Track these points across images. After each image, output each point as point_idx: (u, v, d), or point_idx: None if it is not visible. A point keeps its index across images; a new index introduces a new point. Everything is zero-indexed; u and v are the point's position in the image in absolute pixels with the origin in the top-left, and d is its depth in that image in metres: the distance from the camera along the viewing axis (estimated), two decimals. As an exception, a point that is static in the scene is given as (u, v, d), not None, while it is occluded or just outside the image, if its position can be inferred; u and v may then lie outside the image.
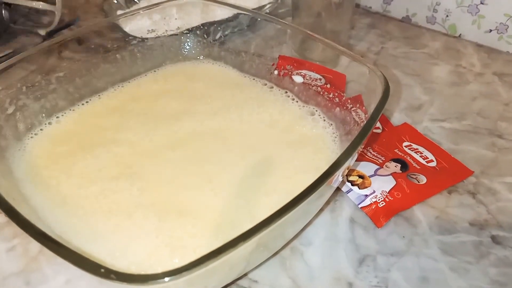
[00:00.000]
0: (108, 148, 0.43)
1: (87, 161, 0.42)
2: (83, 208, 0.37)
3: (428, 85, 0.61)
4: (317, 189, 0.30)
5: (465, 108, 0.57)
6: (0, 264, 0.39)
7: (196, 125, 0.46)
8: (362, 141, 0.33)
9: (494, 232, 0.42)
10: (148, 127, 0.45)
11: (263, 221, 0.27)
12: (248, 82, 0.51)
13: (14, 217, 0.28)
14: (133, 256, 0.33)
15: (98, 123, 0.46)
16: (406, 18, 0.75)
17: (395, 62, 0.65)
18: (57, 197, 0.38)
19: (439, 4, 0.70)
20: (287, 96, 0.49)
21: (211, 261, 0.25)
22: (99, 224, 0.36)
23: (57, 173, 0.40)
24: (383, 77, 0.38)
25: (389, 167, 0.46)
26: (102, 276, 0.24)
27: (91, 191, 0.39)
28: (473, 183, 0.46)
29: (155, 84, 0.52)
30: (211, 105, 0.48)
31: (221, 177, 0.40)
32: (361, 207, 0.43)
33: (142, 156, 0.42)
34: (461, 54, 0.67)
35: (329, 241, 0.41)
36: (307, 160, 0.42)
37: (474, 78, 0.62)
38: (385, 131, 0.51)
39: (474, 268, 0.39)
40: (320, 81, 0.48)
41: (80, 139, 0.44)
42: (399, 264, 0.39)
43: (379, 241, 0.41)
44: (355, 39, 0.71)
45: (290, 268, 0.39)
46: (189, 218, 0.36)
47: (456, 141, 0.52)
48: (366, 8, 0.79)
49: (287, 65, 0.49)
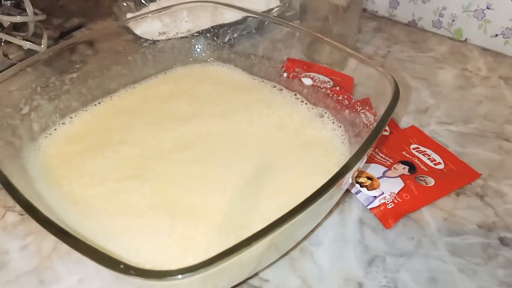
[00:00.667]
0: (118, 149, 0.43)
1: (98, 161, 0.42)
2: (95, 208, 0.38)
3: (435, 89, 0.61)
4: (328, 191, 0.30)
5: (471, 111, 0.57)
6: (14, 262, 0.39)
7: (205, 127, 0.46)
8: (372, 144, 0.34)
9: (502, 234, 0.42)
10: (158, 128, 0.46)
11: (275, 221, 0.28)
12: (257, 84, 0.52)
13: (34, 214, 0.28)
14: (147, 254, 0.34)
15: (109, 123, 0.46)
16: (412, 22, 0.75)
17: (402, 66, 0.66)
18: (70, 196, 0.39)
19: (445, 9, 0.70)
20: (296, 98, 0.49)
21: (226, 259, 0.26)
22: (112, 223, 0.36)
23: (69, 173, 0.41)
24: (393, 80, 0.38)
25: (397, 169, 0.46)
26: (122, 272, 0.25)
27: (102, 190, 0.39)
28: (481, 185, 0.47)
29: (165, 86, 0.52)
30: (220, 107, 0.49)
31: (230, 178, 0.40)
32: (370, 208, 0.43)
33: (151, 157, 0.43)
34: (467, 58, 0.68)
35: (339, 241, 0.41)
36: (317, 162, 0.42)
37: (480, 82, 0.63)
38: (393, 134, 0.52)
39: (482, 270, 0.39)
40: (328, 83, 0.49)
41: (91, 139, 0.44)
42: (408, 265, 0.39)
43: (388, 242, 0.41)
44: (362, 43, 0.71)
45: (300, 268, 0.39)
46: (200, 218, 0.37)
47: (463, 144, 0.52)
48: (373, 12, 0.79)
49: (296, 67, 0.50)
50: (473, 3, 0.67)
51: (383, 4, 0.77)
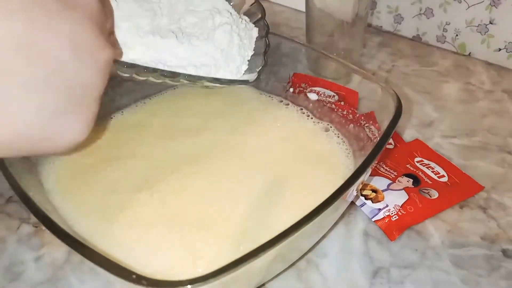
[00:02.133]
0: (128, 162, 0.44)
1: (107, 173, 0.43)
2: (106, 219, 0.39)
3: (439, 102, 0.62)
4: (333, 203, 0.31)
5: (475, 125, 0.58)
6: (29, 273, 0.41)
7: (214, 140, 0.47)
8: (375, 158, 0.35)
9: (504, 246, 0.43)
10: (168, 142, 0.47)
11: (282, 233, 0.29)
12: (264, 99, 0.53)
13: (50, 226, 0.29)
14: (158, 266, 0.35)
15: (120, 137, 0.48)
16: (416, 37, 0.77)
17: (406, 80, 0.67)
18: (82, 208, 0.40)
19: (449, 24, 0.71)
20: (302, 113, 0.50)
21: (235, 269, 0.27)
22: (123, 234, 0.38)
23: (81, 184, 0.42)
24: (396, 96, 0.40)
25: (402, 182, 0.47)
26: (134, 282, 0.26)
27: (113, 202, 0.40)
28: (484, 198, 0.48)
29: (174, 100, 0.54)
30: (228, 121, 0.50)
31: (238, 191, 0.41)
32: (374, 220, 0.44)
33: (161, 169, 0.44)
34: (471, 72, 0.69)
35: (344, 253, 0.42)
36: (322, 175, 0.43)
37: (484, 95, 0.64)
38: (397, 147, 0.53)
39: (485, 281, 0.40)
40: (333, 98, 0.50)
41: (103, 152, 0.46)
42: (412, 277, 0.40)
43: (393, 253, 0.42)
44: (367, 57, 0.72)
45: (306, 279, 0.40)
46: (210, 230, 0.38)
47: (467, 157, 0.53)
48: (378, 27, 0.81)
49: (302, 83, 0.51)
50: (476, 18, 0.68)
51: (387, 19, 0.79)
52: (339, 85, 0.50)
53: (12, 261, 0.42)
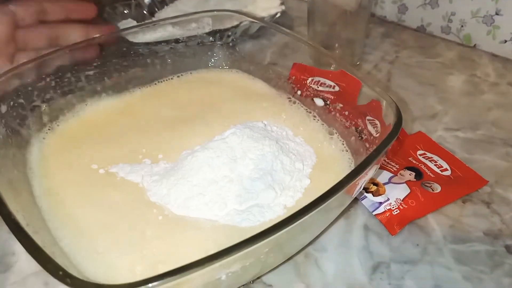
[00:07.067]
0: (118, 148, 0.44)
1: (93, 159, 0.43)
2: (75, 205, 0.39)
3: (443, 95, 0.61)
4: (326, 201, 0.30)
5: (479, 118, 0.57)
6: (20, 264, 0.40)
7: (217, 131, 0.46)
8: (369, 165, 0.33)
9: (508, 242, 0.42)
10: (167, 131, 0.46)
11: (276, 224, 0.28)
12: (272, 93, 0.52)
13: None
14: None
15: (115, 121, 0.48)
16: (421, 28, 0.75)
17: (410, 71, 0.66)
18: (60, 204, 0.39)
19: (454, 14, 0.70)
20: (308, 112, 0.49)
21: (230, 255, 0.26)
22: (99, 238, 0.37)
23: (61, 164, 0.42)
24: (396, 107, 0.38)
25: (404, 175, 0.46)
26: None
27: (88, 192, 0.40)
28: (488, 192, 0.46)
29: (179, 89, 0.53)
30: (233, 112, 0.49)
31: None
32: (375, 214, 0.43)
33: (155, 158, 0.43)
34: (476, 64, 0.67)
35: (343, 247, 0.41)
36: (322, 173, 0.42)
37: (489, 88, 0.62)
38: (399, 140, 0.51)
39: (487, 278, 0.39)
40: (333, 88, 0.49)
41: (93, 136, 0.46)
42: (413, 272, 0.39)
43: (393, 248, 0.41)
44: (370, 48, 0.71)
45: (304, 274, 0.39)
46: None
47: (471, 151, 0.52)
48: (381, 17, 0.79)
49: (301, 75, 0.50)
50: (482, 9, 0.67)
51: (391, 9, 0.77)
52: (341, 73, 0.48)
53: (3, 252, 0.41)
